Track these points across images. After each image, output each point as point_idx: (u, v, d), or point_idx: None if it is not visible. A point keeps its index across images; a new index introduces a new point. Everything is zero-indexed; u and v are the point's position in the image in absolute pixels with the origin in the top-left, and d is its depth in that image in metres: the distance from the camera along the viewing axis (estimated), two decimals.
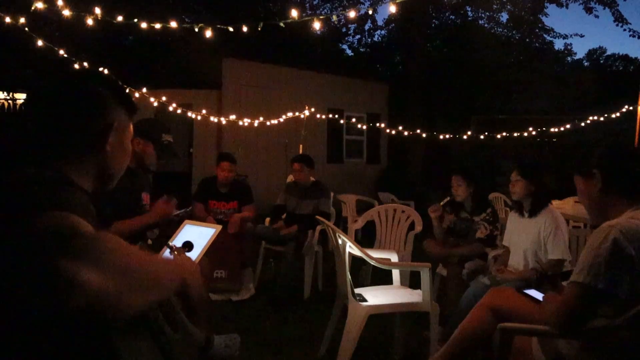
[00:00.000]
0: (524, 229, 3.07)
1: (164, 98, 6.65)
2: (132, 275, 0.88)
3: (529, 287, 2.43)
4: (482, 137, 9.41)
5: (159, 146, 2.84)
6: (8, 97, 9.87)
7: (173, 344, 1.07)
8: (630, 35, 12.97)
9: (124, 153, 1.19)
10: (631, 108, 6.71)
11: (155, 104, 6.66)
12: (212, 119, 7.33)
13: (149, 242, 2.89)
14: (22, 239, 0.82)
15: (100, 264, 0.83)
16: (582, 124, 8.65)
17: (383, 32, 17.88)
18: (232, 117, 7.24)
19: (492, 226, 3.60)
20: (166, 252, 1.73)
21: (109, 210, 2.50)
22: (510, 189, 3.16)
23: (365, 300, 2.79)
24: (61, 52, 5.02)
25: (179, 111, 6.75)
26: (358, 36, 18.32)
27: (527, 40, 15.29)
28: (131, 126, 1.21)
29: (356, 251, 2.86)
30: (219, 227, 1.99)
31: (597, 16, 13.17)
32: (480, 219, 3.63)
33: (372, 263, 2.90)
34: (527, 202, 3.07)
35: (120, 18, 4.23)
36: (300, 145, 7.39)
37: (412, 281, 3.52)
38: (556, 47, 18.60)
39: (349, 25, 16.74)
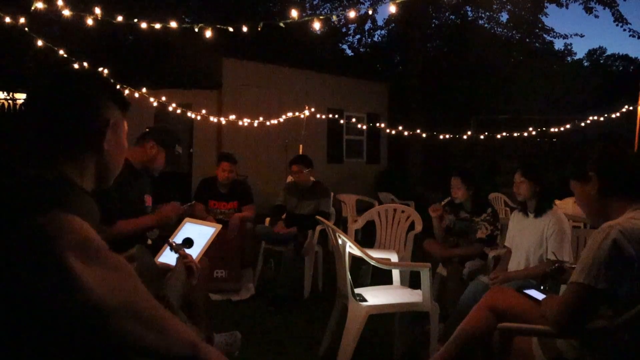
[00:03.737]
0: (528, 229, 3.07)
1: (164, 98, 6.65)
2: (134, 304, 0.87)
3: (529, 287, 2.43)
4: (482, 137, 9.41)
5: (169, 156, 2.88)
6: (8, 97, 9.87)
7: None
8: (630, 35, 12.99)
9: (120, 150, 1.18)
10: (631, 108, 6.71)
11: (155, 104, 6.65)
12: (212, 119, 7.33)
13: (149, 242, 2.89)
14: (30, 235, 0.82)
15: (107, 275, 0.83)
16: (582, 124, 8.65)
17: (383, 32, 17.91)
18: (232, 117, 7.24)
19: (493, 226, 3.60)
20: (167, 250, 1.73)
21: (115, 209, 2.51)
22: (514, 190, 3.15)
23: (365, 300, 2.79)
24: (61, 52, 5.02)
25: (179, 111, 6.75)
26: (358, 36, 18.35)
27: (527, 40, 15.29)
28: (125, 123, 1.20)
29: (356, 251, 2.86)
30: (219, 226, 1.99)
31: (597, 16, 13.19)
32: (480, 219, 3.64)
33: (372, 263, 2.90)
34: (532, 202, 3.07)
35: (120, 18, 4.23)
36: (300, 146, 7.39)
37: (412, 281, 3.52)
38: (556, 47, 18.61)
39: (349, 25, 16.76)
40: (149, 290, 0.93)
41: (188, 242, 1.65)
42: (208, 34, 3.90)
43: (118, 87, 1.32)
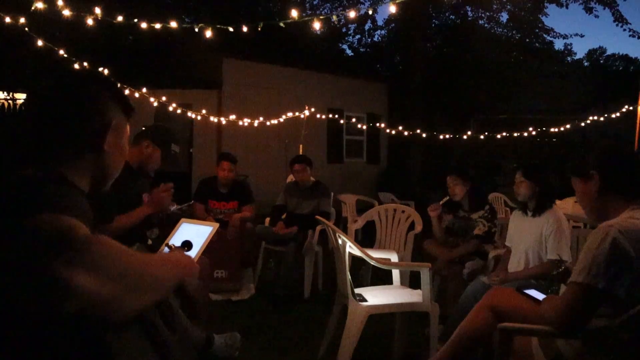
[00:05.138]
0: (527, 228, 3.07)
1: (164, 98, 6.66)
2: (129, 278, 0.88)
3: (529, 287, 2.43)
4: (482, 137, 9.42)
5: (165, 155, 2.88)
6: (8, 97, 9.87)
7: (170, 345, 1.06)
8: (630, 35, 13.01)
9: (121, 153, 1.18)
10: (631, 108, 6.71)
11: (155, 104, 6.66)
12: (212, 119, 7.33)
13: (149, 242, 2.89)
14: (15, 241, 0.82)
15: (95, 268, 0.83)
16: (582, 124, 8.65)
17: (383, 32, 17.91)
18: (232, 117, 7.25)
19: (490, 223, 3.60)
20: (165, 252, 1.72)
21: (113, 207, 2.52)
22: (514, 190, 3.16)
23: (365, 300, 2.79)
24: (61, 52, 5.02)
25: (179, 111, 6.75)
26: (358, 36, 18.34)
27: (527, 40, 15.29)
28: (128, 127, 1.20)
29: (356, 251, 2.86)
30: (216, 224, 1.98)
31: (597, 16, 13.23)
32: (478, 216, 3.64)
33: (372, 263, 2.90)
34: (532, 202, 3.07)
35: (120, 18, 4.23)
36: (300, 145, 7.39)
37: (412, 281, 3.52)
38: (556, 47, 18.59)
39: (349, 25, 16.76)
40: None
41: (187, 245, 1.64)
42: (208, 34, 3.90)
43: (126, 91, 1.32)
